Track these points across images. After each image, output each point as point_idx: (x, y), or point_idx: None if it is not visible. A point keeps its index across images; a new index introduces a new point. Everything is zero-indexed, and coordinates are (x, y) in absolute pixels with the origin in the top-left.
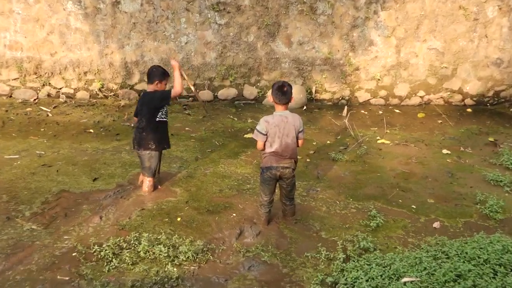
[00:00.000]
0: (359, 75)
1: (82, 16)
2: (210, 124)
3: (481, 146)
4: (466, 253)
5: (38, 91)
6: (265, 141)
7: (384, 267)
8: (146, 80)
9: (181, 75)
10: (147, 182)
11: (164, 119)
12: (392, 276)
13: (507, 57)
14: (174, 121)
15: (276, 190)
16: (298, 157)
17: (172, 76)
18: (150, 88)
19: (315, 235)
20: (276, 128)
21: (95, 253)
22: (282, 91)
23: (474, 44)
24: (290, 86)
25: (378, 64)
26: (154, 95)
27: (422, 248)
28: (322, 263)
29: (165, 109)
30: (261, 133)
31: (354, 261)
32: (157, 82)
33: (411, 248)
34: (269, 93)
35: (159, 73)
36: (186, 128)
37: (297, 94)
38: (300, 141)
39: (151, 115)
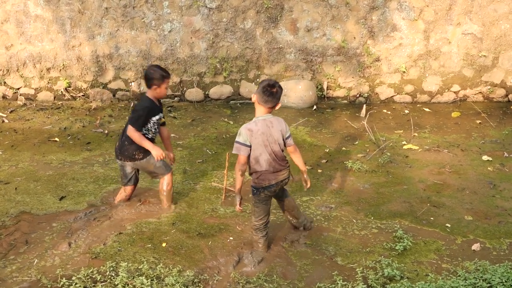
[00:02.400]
0: (380, 67)
1: (43, 0)
2: (201, 129)
3: None
4: None
5: None
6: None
7: None
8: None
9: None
10: (164, 180)
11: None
12: None
13: None
14: None
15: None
16: (307, 166)
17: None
18: (148, 93)
19: (329, 262)
20: (262, 136)
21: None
22: (271, 92)
23: None
24: (281, 88)
25: (402, 53)
26: (134, 108)
27: (459, 276)
28: None
29: (149, 125)
30: (244, 145)
31: None
32: (155, 86)
33: (445, 276)
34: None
35: (158, 75)
36: (172, 134)
37: (305, 91)
38: (290, 148)
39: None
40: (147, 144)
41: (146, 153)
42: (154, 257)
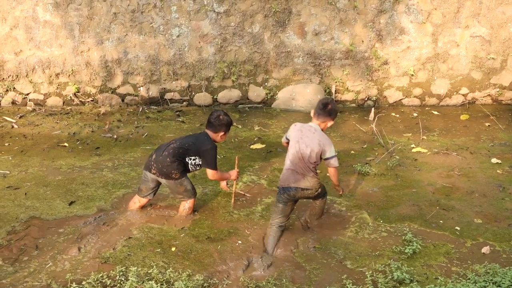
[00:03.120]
0: (388, 70)
1: (52, 6)
2: None
3: None
4: None
5: (0, 98)
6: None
7: None
8: (207, 125)
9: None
10: (185, 204)
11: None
12: None
13: None
14: (165, 130)
15: None
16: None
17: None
18: (211, 133)
19: (338, 265)
20: (299, 132)
21: None
22: (323, 108)
23: None
24: (334, 107)
25: (411, 56)
26: (205, 153)
27: (469, 279)
28: None
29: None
30: (285, 138)
31: None
32: (223, 133)
33: (455, 279)
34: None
35: (228, 123)
36: None
37: (314, 94)
38: (331, 170)
39: (184, 157)
40: (226, 176)
41: (182, 174)
42: (164, 262)
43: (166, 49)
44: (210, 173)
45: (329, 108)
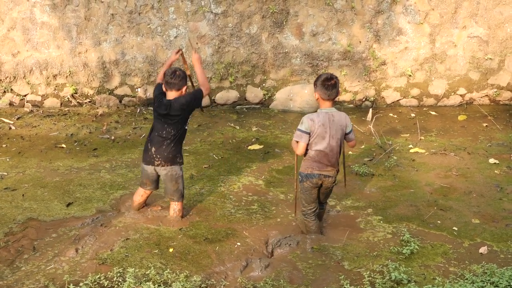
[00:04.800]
0: (386, 70)
1: (49, 7)
2: (207, 135)
3: None
4: None
5: None
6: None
7: None
8: (165, 87)
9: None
10: (174, 206)
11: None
12: None
13: None
14: None
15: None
16: None
17: (193, 74)
18: (173, 95)
19: (336, 266)
20: (322, 127)
21: None
22: (330, 85)
23: None
24: (337, 78)
25: (408, 57)
26: (188, 98)
27: (467, 279)
28: None
29: None
30: (305, 132)
31: None
32: (185, 87)
33: (453, 279)
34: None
35: (186, 77)
36: None
37: (311, 95)
38: (351, 143)
39: (184, 122)
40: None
41: (182, 159)
42: (161, 263)
43: (163, 50)
44: (204, 90)
45: (335, 82)
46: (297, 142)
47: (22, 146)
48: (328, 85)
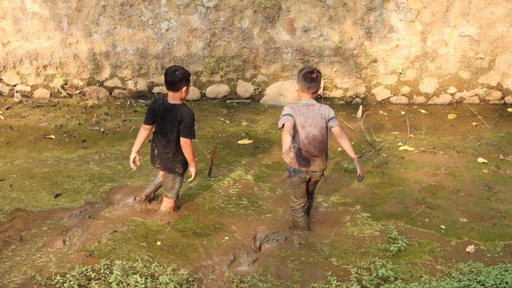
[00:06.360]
0: (377, 68)
1: None
2: (197, 128)
3: None
4: (507, 282)
5: None
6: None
7: None
8: (166, 86)
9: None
10: (166, 202)
11: None
12: None
13: None
14: None
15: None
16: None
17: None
18: (173, 96)
19: (323, 262)
20: (302, 116)
21: (57, 285)
22: (311, 78)
23: None
24: (320, 73)
25: (399, 54)
26: (187, 118)
27: (453, 277)
28: None
29: None
30: (288, 115)
31: None
32: (185, 87)
33: (439, 277)
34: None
35: (187, 76)
36: None
37: None
38: (335, 130)
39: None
40: (194, 158)
41: (184, 168)
42: (149, 256)
43: (154, 43)
44: (187, 141)
45: (316, 76)
46: (283, 125)
47: (11, 136)
48: (309, 77)
